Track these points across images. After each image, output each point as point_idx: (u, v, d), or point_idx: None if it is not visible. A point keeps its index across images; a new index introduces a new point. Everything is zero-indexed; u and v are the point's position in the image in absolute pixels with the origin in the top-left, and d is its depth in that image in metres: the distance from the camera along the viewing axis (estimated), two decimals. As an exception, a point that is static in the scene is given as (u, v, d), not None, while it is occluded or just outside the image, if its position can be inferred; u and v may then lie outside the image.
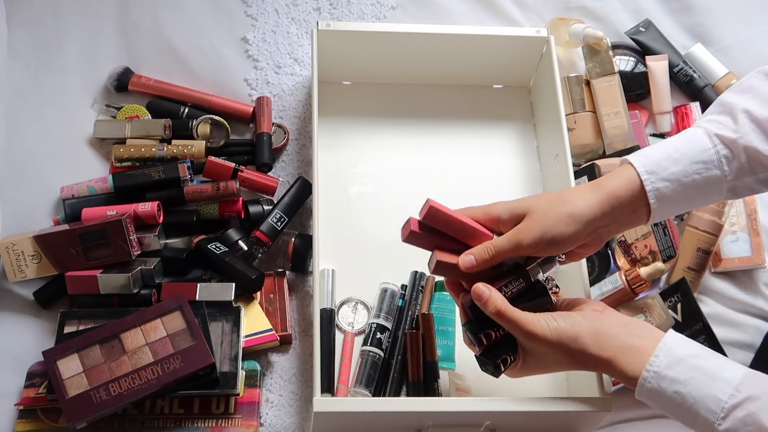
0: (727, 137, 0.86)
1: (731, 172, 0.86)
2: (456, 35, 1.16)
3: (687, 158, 0.86)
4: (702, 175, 0.86)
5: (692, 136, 0.88)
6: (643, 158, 0.87)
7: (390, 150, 1.19)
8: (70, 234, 1.02)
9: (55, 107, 1.18)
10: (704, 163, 0.86)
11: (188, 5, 1.27)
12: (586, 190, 0.87)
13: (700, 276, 1.11)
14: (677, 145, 0.88)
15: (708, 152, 0.86)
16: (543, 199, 0.88)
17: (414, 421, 0.93)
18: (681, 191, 0.86)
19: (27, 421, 0.97)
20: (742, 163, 0.86)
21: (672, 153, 0.87)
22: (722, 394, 0.77)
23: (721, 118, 0.88)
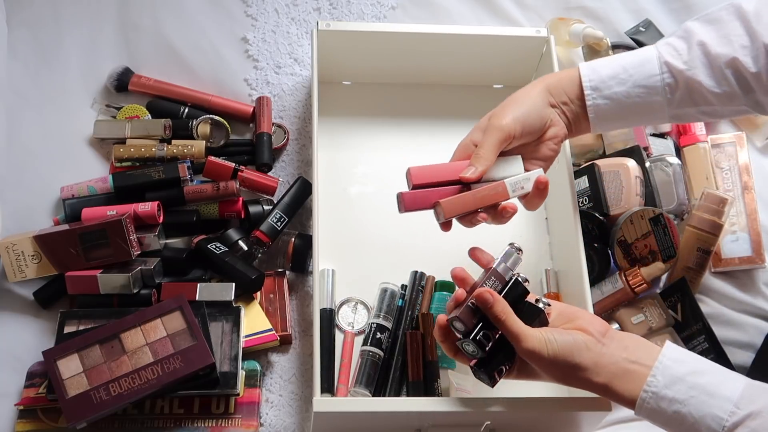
0: (676, 67, 0.90)
1: (674, 100, 0.91)
2: (456, 35, 1.16)
3: (632, 80, 0.91)
4: (643, 99, 0.91)
5: (644, 59, 0.92)
6: (591, 72, 0.92)
7: (390, 150, 1.19)
8: (70, 234, 1.02)
9: (55, 107, 1.18)
10: (648, 89, 0.91)
11: (188, 5, 1.27)
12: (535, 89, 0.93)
13: (700, 276, 1.11)
14: (627, 65, 0.92)
15: (654, 78, 0.90)
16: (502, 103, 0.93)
17: (414, 421, 0.93)
18: (619, 111, 0.92)
19: (27, 421, 0.97)
20: (685, 94, 0.90)
21: (620, 72, 0.91)
22: (722, 412, 0.77)
23: (678, 44, 0.91)
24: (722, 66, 0.89)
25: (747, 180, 1.17)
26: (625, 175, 1.11)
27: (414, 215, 1.14)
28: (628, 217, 1.09)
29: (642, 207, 1.11)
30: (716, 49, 0.89)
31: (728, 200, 1.11)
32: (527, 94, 0.93)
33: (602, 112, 0.92)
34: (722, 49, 0.89)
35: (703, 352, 1.05)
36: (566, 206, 1.06)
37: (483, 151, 0.89)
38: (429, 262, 1.09)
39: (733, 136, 1.20)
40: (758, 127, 1.22)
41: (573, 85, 0.93)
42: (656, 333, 1.05)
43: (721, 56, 0.89)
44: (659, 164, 1.15)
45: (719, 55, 0.89)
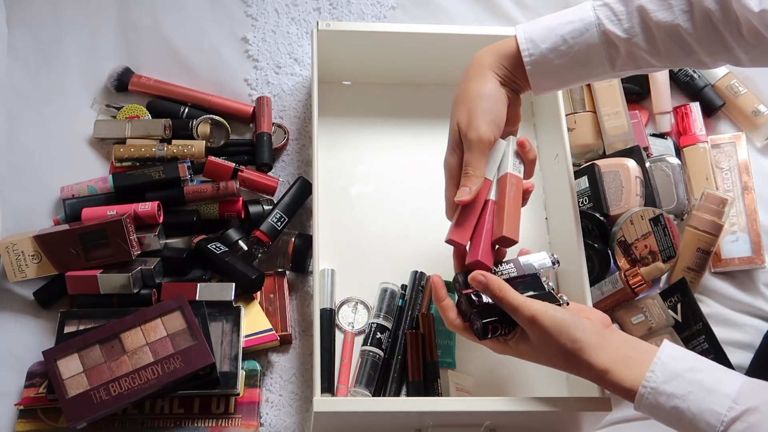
0: (617, 35, 0.89)
1: (616, 66, 0.91)
2: (456, 35, 1.15)
3: (573, 52, 0.90)
4: (584, 68, 0.92)
5: (583, 27, 0.90)
6: (531, 45, 0.92)
7: (390, 150, 1.19)
8: (70, 234, 1.02)
9: (55, 107, 1.18)
10: (588, 59, 0.91)
11: (188, 5, 1.27)
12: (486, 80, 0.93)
13: (700, 276, 1.11)
14: (567, 35, 0.91)
15: (594, 48, 0.90)
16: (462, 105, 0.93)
17: (414, 421, 0.93)
18: (561, 78, 0.93)
19: (27, 421, 0.97)
20: (626, 59, 0.90)
21: (560, 43, 0.91)
22: (720, 407, 0.77)
23: (617, 7, 0.90)
24: (663, 33, 0.88)
25: (747, 180, 1.17)
26: (625, 175, 1.11)
27: (414, 215, 1.14)
28: (628, 217, 1.09)
29: (642, 207, 1.11)
30: (657, 15, 0.87)
31: (728, 200, 1.11)
32: (484, 90, 0.92)
33: (543, 83, 0.93)
34: (662, 14, 0.87)
35: (703, 352, 1.05)
36: (566, 206, 1.06)
37: (472, 170, 0.90)
38: (429, 262, 1.09)
39: (733, 137, 1.20)
40: (758, 127, 1.22)
41: (513, 59, 0.93)
42: (656, 333, 1.05)
43: (663, 24, 0.87)
44: (659, 164, 1.15)
45: (660, 23, 0.87)
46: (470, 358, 1.05)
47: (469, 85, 0.93)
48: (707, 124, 1.22)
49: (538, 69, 0.92)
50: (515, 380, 1.05)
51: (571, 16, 0.92)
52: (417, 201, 1.15)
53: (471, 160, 0.90)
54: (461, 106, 0.92)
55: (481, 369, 1.05)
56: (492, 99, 0.91)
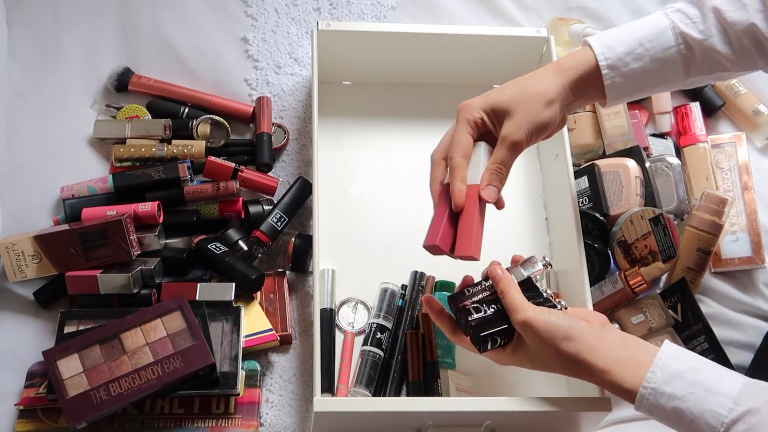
0: (693, 37, 0.88)
1: (690, 71, 0.90)
2: (456, 35, 1.15)
3: (649, 55, 0.89)
4: (659, 72, 0.90)
5: (658, 31, 0.89)
6: (606, 49, 0.90)
7: (390, 150, 1.19)
8: (70, 234, 1.02)
9: (55, 107, 1.18)
10: (664, 62, 0.89)
11: (188, 5, 1.27)
12: (551, 75, 0.90)
13: (700, 276, 1.11)
14: (642, 39, 0.89)
15: (670, 51, 0.89)
16: (516, 94, 0.89)
17: (414, 421, 0.93)
18: (636, 85, 0.91)
19: (27, 421, 0.97)
20: (701, 62, 0.89)
21: (635, 47, 0.89)
22: (721, 408, 0.77)
23: (691, 11, 0.89)
24: (739, 33, 0.87)
25: (747, 180, 1.17)
26: (625, 175, 1.11)
27: (414, 215, 1.14)
28: (628, 217, 1.09)
29: (642, 207, 1.11)
30: (731, 15, 0.87)
31: (728, 200, 1.11)
32: (548, 107, 0.88)
33: (619, 89, 0.90)
34: (737, 14, 0.87)
35: (703, 352, 1.05)
36: (566, 206, 1.06)
37: (505, 171, 0.89)
38: (429, 262, 1.08)
39: (733, 137, 1.20)
40: (758, 127, 1.22)
41: (583, 71, 0.90)
42: (656, 333, 1.05)
43: (738, 23, 0.87)
44: (659, 164, 1.15)
45: (735, 22, 0.87)
46: (470, 358, 1.05)
47: (535, 86, 0.89)
48: (707, 124, 1.22)
49: (615, 73, 0.89)
50: (515, 380, 1.05)
51: (643, 22, 0.91)
52: (417, 201, 1.15)
53: (507, 160, 0.89)
54: (518, 102, 0.88)
55: (481, 369, 1.05)
56: (547, 118, 0.89)
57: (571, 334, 0.83)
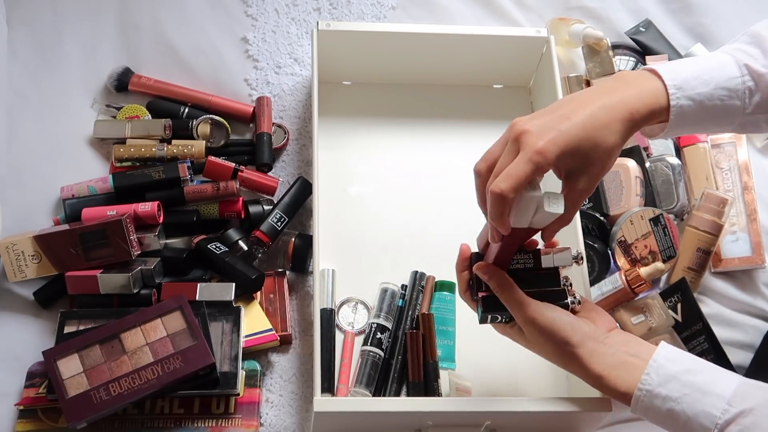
0: (756, 70, 0.85)
1: (751, 105, 0.85)
2: (456, 35, 1.16)
3: (714, 82, 0.84)
4: (724, 102, 0.84)
5: (721, 62, 0.86)
6: (671, 73, 0.84)
7: (390, 150, 1.19)
8: (70, 234, 1.02)
9: (55, 107, 1.18)
10: (729, 91, 0.84)
11: (188, 5, 1.27)
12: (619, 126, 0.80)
13: (700, 276, 1.11)
14: (706, 68, 0.85)
15: (735, 81, 0.84)
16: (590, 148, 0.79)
17: (414, 421, 0.93)
18: (700, 114, 0.84)
19: (27, 421, 0.97)
20: (764, 99, 0.85)
21: (701, 74, 0.84)
22: (715, 409, 0.77)
23: (751, 49, 0.86)
24: None
25: (747, 180, 1.17)
26: (625, 175, 1.11)
27: (414, 215, 1.14)
28: (628, 217, 1.09)
29: (642, 207, 1.11)
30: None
31: (728, 200, 1.11)
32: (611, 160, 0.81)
33: (683, 114, 0.83)
34: None
35: (703, 353, 1.05)
36: (566, 206, 1.06)
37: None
38: (429, 262, 1.09)
39: (733, 137, 1.20)
40: (758, 127, 1.22)
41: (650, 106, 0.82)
42: (656, 333, 1.05)
43: None
44: (659, 164, 1.15)
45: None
46: (470, 358, 1.05)
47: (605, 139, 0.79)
48: (707, 124, 1.22)
49: (681, 93, 0.83)
50: (515, 380, 1.05)
51: (704, 57, 0.88)
52: (417, 201, 1.16)
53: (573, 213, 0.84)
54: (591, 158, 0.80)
55: (481, 369, 1.05)
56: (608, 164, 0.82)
57: (570, 336, 0.84)
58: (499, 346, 0.98)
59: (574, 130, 0.78)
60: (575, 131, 0.78)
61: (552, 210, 0.78)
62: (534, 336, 0.86)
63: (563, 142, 0.77)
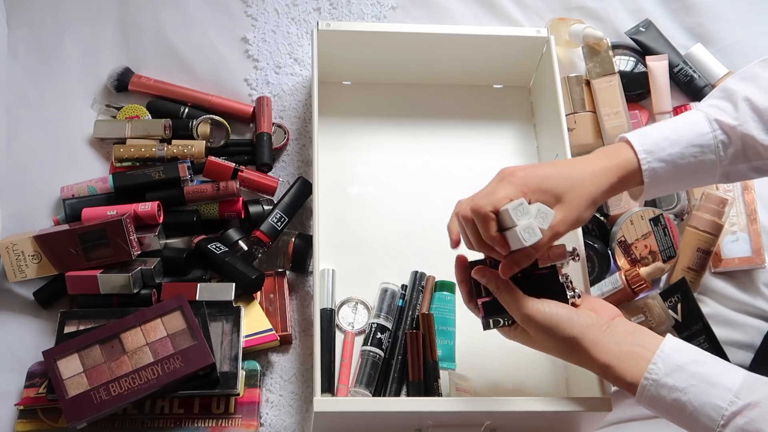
0: (727, 123, 0.88)
1: (726, 157, 0.88)
2: (456, 35, 1.16)
3: (685, 140, 0.88)
4: (697, 159, 0.88)
5: (692, 120, 0.90)
6: (641, 137, 0.89)
7: (390, 150, 1.19)
8: (70, 234, 1.02)
9: (55, 107, 1.18)
10: (701, 147, 0.88)
11: (188, 5, 1.27)
12: (596, 172, 0.87)
13: (700, 276, 1.11)
14: (676, 127, 0.89)
15: (706, 137, 0.88)
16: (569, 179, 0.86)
17: (414, 421, 0.93)
18: (675, 172, 0.88)
19: (27, 421, 0.97)
20: (738, 150, 0.88)
21: (670, 134, 0.89)
22: (721, 401, 0.77)
23: (722, 104, 0.90)
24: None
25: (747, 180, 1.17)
26: (625, 175, 1.11)
27: (414, 215, 1.14)
28: (628, 217, 1.09)
29: (642, 207, 1.11)
30: (763, 102, 0.87)
31: (728, 200, 1.11)
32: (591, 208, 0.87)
33: (657, 176, 0.88)
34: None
35: (703, 352, 1.05)
36: (566, 206, 1.06)
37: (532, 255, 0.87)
38: (429, 262, 1.09)
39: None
40: (758, 127, 1.22)
41: (629, 164, 0.88)
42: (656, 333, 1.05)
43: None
44: (659, 164, 1.15)
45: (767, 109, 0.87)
46: (470, 358, 1.05)
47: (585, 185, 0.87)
48: (707, 124, 1.22)
49: (652, 157, 0.87)
50: (515, 380, 1.05)
51: (677, 118, 0.91)
52: (417, 201, 1.16)
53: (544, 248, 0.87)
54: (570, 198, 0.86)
55: (481, 369, 1.05)
56: (589, 218, 0.88)
57: (571, 328, 0.84)
58: (499, 346, 0.98)
59: (556, 177, 0.86)
60: (557, 177, 0.86)
61: (527, 241, 0.82)
62: (537, 333, 0.86)
63: (543, 173, 0.86)
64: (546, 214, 0.83)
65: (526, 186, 0.85)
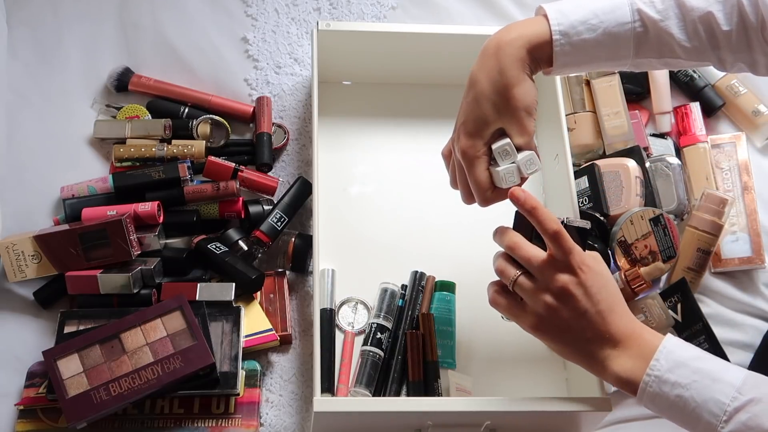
0: (649, 16, 0.86)
1: (640, 50, 0.87)
2: (456, 35, 1.15)
3: (602, 28, 0.86)
4: (609, 48, 0.87)
5: (615, 5, 0.87)
6: (559, 15, 0.87)
7: (390, 150, 1.19)
8: (70, 234, 1.02)
9: (55, 107, 1.18)
10: (616, 37, 0.87)
11: (188, 5, 1.27)
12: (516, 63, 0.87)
13: (700, 276, 1.11)
14: (597, 10, 0.87)
15: (625, 26, 0.86)
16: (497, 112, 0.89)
17: (414, 421, 0.93)
18: (583, 58, 0.88)
19: (27, 421, 0.97)
20: (653, 44, 0.87)
21: (590, 17, 0.86)
22: (724, 396, 0.77)
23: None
24: (696, 20, 0.86)
25: (747, 180, 1.17)
26: (625, 176, 1.11)
27: (414, 215, 1.14)
28: (628, 217, 1.09)
29: (642, 207, 1.11)
30: (691, 1, 0.86)
31: (728, 200, 1.11)
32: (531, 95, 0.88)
33: (566, 58, 0.87)
34: (697, 1, 0.86)
35: (703, 352, 1.05)
36: (566, 206, 1.06)
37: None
38: (429, 262, 1.09)
39: (733, 137, 1.20)
40: (758, 127, 1.22)
41: (538, 39, 0.87)
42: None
43: (696, 9, 0.86)
44: (659, 164, 1.15)
45: (694, 8, 0.86)
46: (470, 358, 1.05)
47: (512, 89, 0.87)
48: (707, 124, 1.22)
49: (565, 40, 0.86)
50: (515, 380, 1.05)
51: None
52: (417, 201, 1.16)
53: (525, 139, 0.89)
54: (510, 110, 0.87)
55: (481, 369, 1.05)
56: (534, 106, 0.88)
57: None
58: (499, 346, 0.98)
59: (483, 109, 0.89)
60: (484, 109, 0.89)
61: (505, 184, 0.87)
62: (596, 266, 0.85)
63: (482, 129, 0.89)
64: (532, 162, 0.86)
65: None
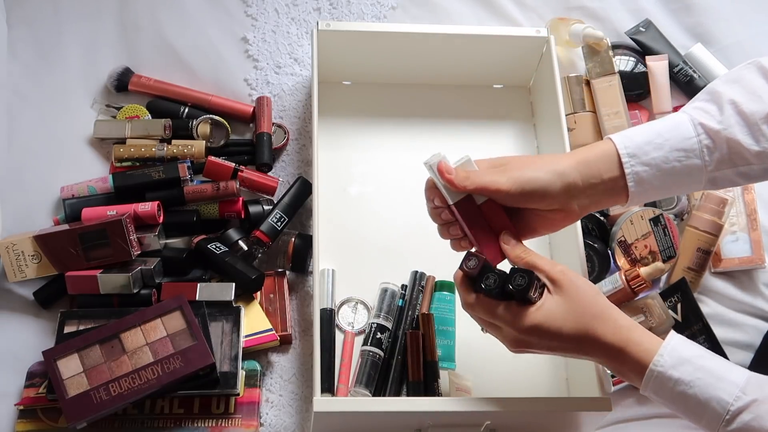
0: (711, 127, 0.86)
1: (712, 162, 0.86)
2: (456, 35, 1.16)
3: (669, 144, 0.86)
4: (682, 163, 0.86)
5: (677, 123, 0.87)
6: (625, 139, 0.87)
7: (390, 150, 1.19)
8: (70, 234, 1.02)
9: (55, 107, 1.18)
10: (685, 152, 0.86)
11: (188, 5, 1.27)
12: (566, 156, 0.88)
13: (700, 276, 1.11)
14: (661, 131, 0.87)
15: (690, 141, 0.86)
16: (522, 157, 0.91)
17: (414, 421, 0.93)
18: (660, 177, 0.86)
19: (27, 421, 0.97)
20: (723, 155, 0.86)
21: (654, 138, 0.86)
22: (728, 395, 0.77)
23: (708, 106, 0.87)
24: (758, 122, 0.85)
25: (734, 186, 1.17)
26: (625, 175, 1.11)
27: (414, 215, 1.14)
28: (628, 217, 1.09)
29: (642, 207, 1.11)
30: (749, 106, 0.85)
31: (728, 200, 1.11)
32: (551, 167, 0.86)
33: (642, 179, 0.86)
34: (755, 105, 0.85)
35: (703, 352, 1.05)
36: (566, 206, 1.06)
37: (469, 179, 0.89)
38: (429, 262, 1.09)
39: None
40: (758, 127, 1.22)
41: (606, 159, 0.87)
42: (656, 333, 1.05)
43: (756, 113, 0.85)
44: (659, 164, 1.15)
45: (753, 112, 0.85)
46: (470, 358, 1.05)
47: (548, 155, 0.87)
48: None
49: (635, 161, 0.85)
50: (515, 380, 1.05)
51: (661, 119, 0.89)
52: (417, 201, 1.15)
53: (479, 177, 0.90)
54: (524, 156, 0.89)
55: (481, 369, 1.05)
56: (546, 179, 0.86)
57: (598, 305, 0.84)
58: (499, 346, 0.97)
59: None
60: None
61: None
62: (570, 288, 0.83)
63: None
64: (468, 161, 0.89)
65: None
